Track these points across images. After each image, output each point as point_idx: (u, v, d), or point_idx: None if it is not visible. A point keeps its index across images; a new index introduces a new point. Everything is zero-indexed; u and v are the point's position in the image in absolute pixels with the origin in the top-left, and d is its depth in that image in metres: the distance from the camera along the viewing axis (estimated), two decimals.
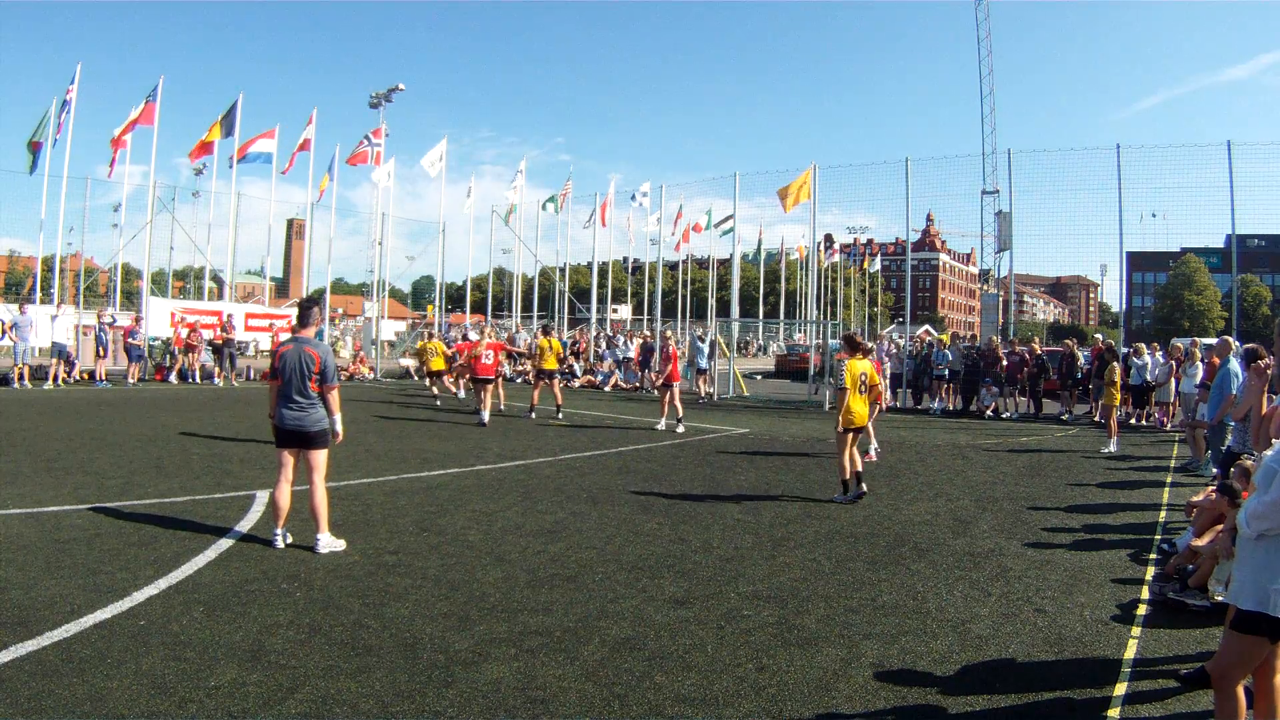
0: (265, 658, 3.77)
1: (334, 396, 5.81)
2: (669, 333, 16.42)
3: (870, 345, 8.32)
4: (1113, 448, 11.89)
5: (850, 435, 7.75)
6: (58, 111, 21.13)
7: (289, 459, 5.80)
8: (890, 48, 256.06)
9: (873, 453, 10.94)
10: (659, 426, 13.26)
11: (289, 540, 5.71)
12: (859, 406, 7.79)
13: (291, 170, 26.90)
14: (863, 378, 7.82)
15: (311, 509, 5.67)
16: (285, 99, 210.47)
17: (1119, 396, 12.54)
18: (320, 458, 5.78)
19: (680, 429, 13.06)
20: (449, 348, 18.62)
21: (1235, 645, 2.96)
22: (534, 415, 14.49)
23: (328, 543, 5.61)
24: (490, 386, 14.02)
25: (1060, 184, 19.73)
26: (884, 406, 15.60)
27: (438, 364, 17.38)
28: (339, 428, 5.90)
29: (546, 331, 15.80)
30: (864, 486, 7.80)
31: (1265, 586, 2.82)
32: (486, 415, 13.43)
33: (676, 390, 13.40)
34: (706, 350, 20.63)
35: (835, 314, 57.31)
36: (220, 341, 20.96)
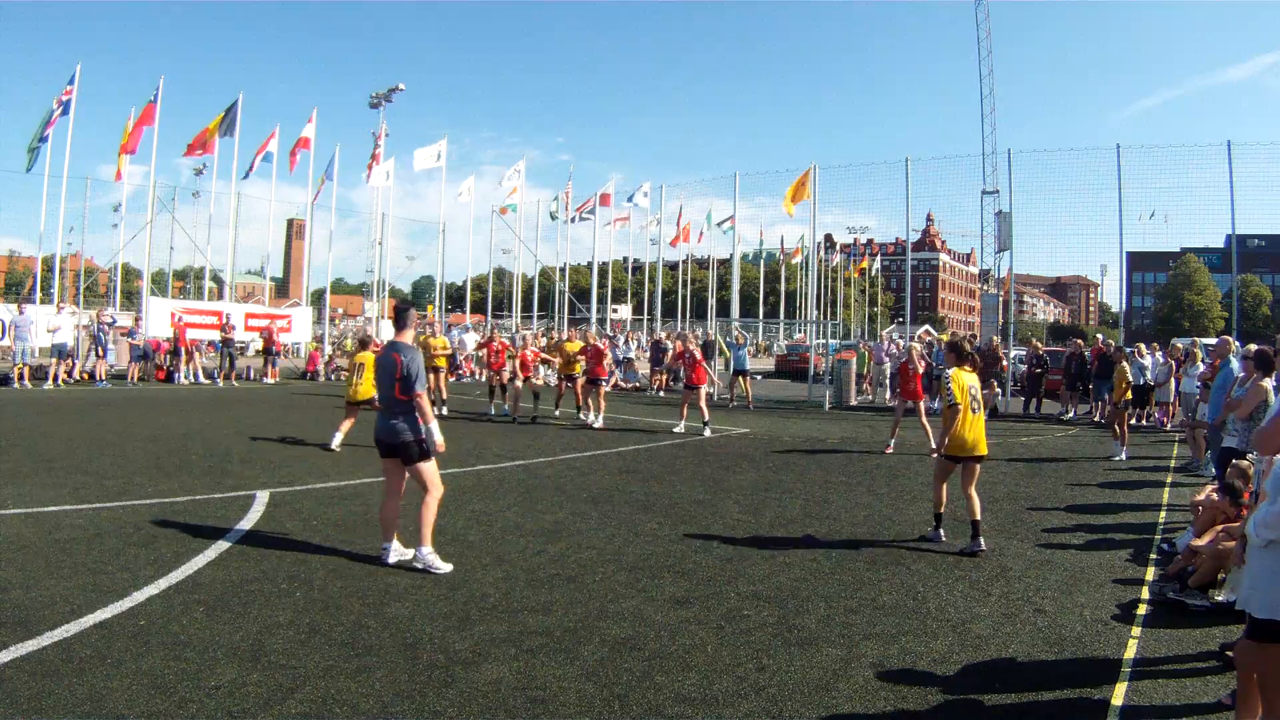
0: (265, 658, 3.77)
1: (422, 404, 5.31)
2: (692, 336, 15.97)
3: (971, 351, 6.59)
4: (1122, 455, 11.25)
5: (954, 465, 6.19)
6: (50, 112, 21.18)
7: (387, 467, 5.46)
8: (890, 48, 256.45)
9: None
10: (677, 429, 13.07)
11: (397, 556, 5.36)
12: (971, 431, 6.10)
13: (292, 170, 26.96)
14: (972, 391, 6.19)
15: (416, 518, 5.30)
16: (285, 99, 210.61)
17: (1129, 396, 12.14)
18: (420, 471, 5.32)
19: (707, 432, 12.81)
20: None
21: (1255, 654, 2.94)
22: (585, 417, 14.19)
23: (424, 558, 5.21)
24: (590, 386, 14.09)
25: (1060, 184, 19.78)
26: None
27: (440, 362, 17.04)
28: (437, 437, 5.38)
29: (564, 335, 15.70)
30: (982, 543, 6.04)
31: (1274, 593, 2.81)
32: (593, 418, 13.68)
33: (702, 393, 13.20)
34: (746, 356, 19.77)
35: (835, 314, 57.32)
36: (222, 342, 20.98)
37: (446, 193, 31.35)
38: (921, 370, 12.17)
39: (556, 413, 14.60)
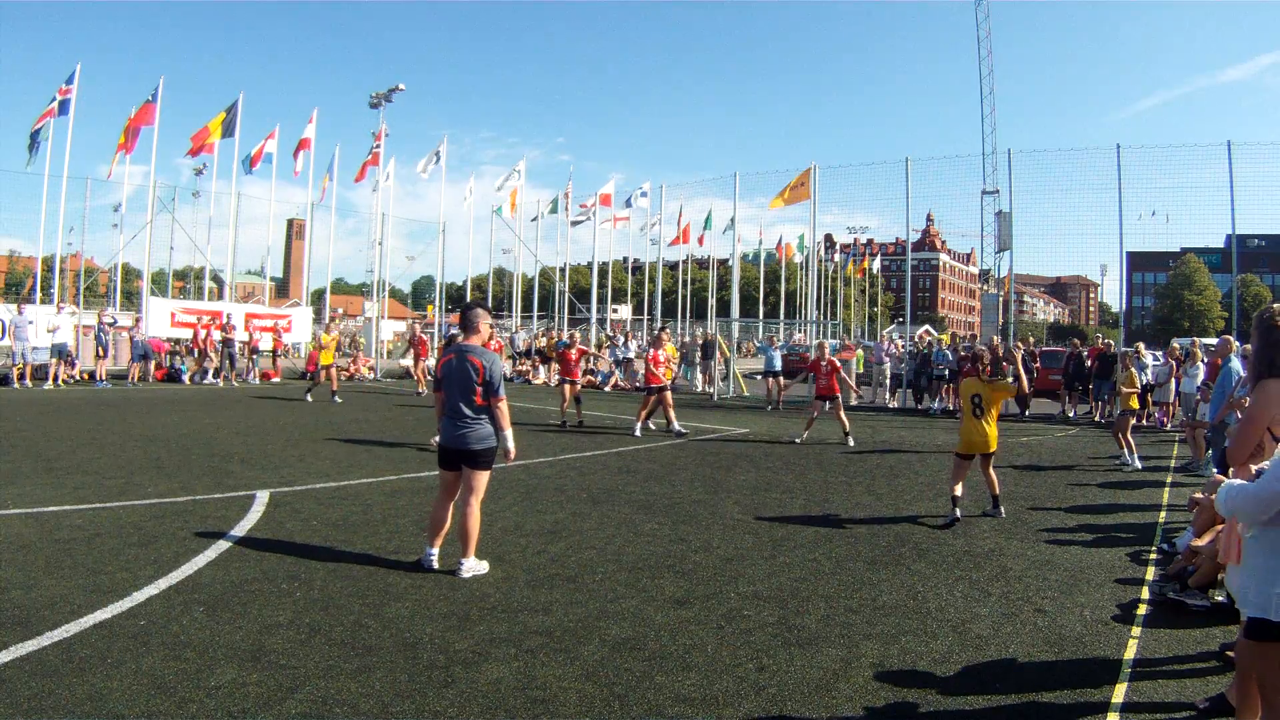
0: (265, 658, 3.77)
1: (503, 410, 5.19)
2: (824, 341, 14.08)
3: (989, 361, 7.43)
4: (1137, 464, 10.58)
5: (967, 461, 7.12)
6: (44, 110, 21.20)
7: (449, 478, 5.28)
8: (890, 48, 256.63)
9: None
10: (799, 441, 12.33)
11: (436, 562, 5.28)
12: (977, 432, 7.03)
13: (297, 174, 27.03)
14: (975, 399, 7.08)
15: (461, 530, 5.17)
16: (285, 99, 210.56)
17: (1134, 405, 11.22)
18: (481, 479, 5.23)
19: (851, 442, 12.08)
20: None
21: (1253, 653, 2.92)
22: (642, 430, 12.85)
23: (471, 567, 5.16)
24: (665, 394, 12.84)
25: (1060, 184, 19.76)
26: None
27: (327, 358, 17.17)
28: (510, 445, 5.29)
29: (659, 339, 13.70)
30: (1002, 511, 7.19)
31: (1267, 592, 2.80)
32: (677, 425, 12.66)
33: (840, 403, 12.57)
34: (778, 356, 19.18)
35: (835, 314, 57.27)
36: (222, 342, 21.00)
37: (447, 193, 31.35)
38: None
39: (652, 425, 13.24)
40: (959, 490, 7.00)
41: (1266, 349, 3.36)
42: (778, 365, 18.84)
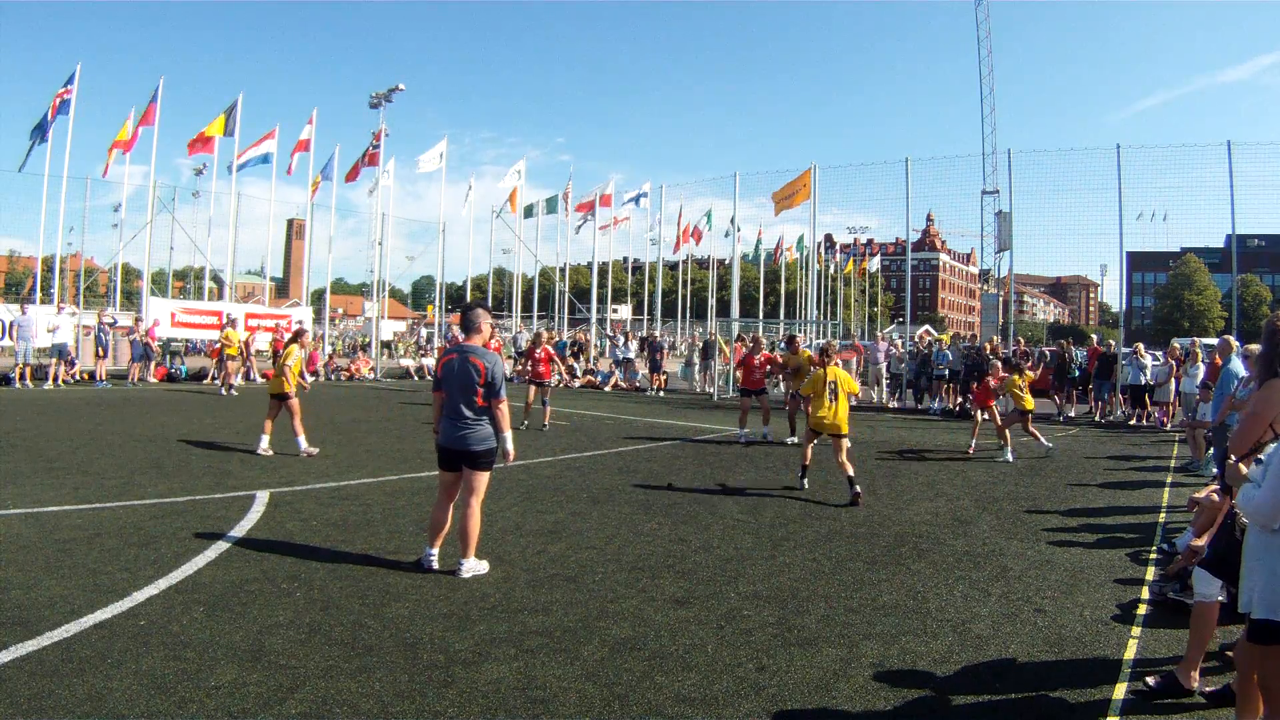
0: (265, 658, 3.77)
1: (503, 411, 5.16)
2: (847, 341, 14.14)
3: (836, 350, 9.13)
4: (1009, 457, 10.90)
5: (815, 435, 8.51)
6: (49, 112, 21.17)
7: (449, 479, 5.26)
8: (890, 48, 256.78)
9: (1009, 455, 11.00)
10: (790, 441, 12.26)
11: (435, 564, 5.26)
12: (827, 413, 8.20)
13: (290, 173, 26.99)
14: (831, 385, 8.24)
15: (461, 531, 5.15)
16: (285, 99, 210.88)
17: (1029, 405, 11.39)
18: (482, 480, 5.22)
19: (788, 440, 12.23)
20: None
21: (1256, 656, 2.88)
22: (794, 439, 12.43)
23: (471, 567, 5.15)
24: (764, 398, 12.77)
25: (1060, 184, 19.74)
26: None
27: (231, 351, 18.96)
28: (509, 446, 5.27)
29: (792, 343, 13.08)
30: (858, 488, 7.78)
31: (1276, 592, 2.77)
32: (767, 430, 12.63)
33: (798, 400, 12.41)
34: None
35: (835, 314, 57.26)
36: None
37: (446, 193, 31.35)
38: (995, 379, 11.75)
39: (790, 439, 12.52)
40: (808, 458, 8.52)
41: (1272, 352, 3.51)
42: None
